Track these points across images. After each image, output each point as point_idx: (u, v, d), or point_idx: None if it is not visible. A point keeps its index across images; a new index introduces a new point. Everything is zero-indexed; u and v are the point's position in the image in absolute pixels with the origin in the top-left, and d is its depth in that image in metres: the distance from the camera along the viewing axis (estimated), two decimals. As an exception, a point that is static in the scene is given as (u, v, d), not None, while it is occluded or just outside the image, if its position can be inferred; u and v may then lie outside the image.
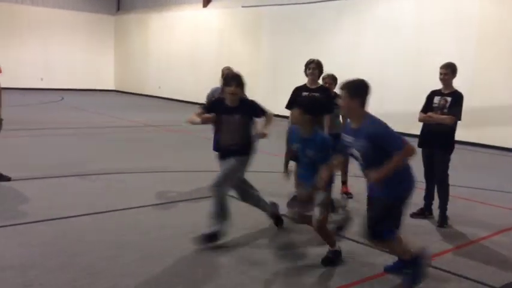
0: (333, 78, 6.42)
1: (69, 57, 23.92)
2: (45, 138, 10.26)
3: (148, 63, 23.35)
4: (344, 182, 6.60)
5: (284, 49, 16.83)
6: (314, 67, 5.91)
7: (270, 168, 7.54)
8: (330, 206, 4.38)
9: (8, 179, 6.45)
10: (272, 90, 17.07)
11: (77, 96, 20.95)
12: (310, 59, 6.09)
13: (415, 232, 5.27)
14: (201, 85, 20.09)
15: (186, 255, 4.28)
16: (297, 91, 6.04)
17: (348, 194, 6.54)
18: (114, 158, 8.62)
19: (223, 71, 6.80)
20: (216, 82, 7.61)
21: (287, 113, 5.98)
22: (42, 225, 4.87)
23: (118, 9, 25.59)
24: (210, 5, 20.09)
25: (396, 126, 6.37)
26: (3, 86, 6.50)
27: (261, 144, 5.16)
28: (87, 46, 24.62)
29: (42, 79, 23.26)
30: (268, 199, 5.22)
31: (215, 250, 4.42)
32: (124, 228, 4.90)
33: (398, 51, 13.54)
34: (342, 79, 6.02)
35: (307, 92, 5.89)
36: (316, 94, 5.73)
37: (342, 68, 14.28)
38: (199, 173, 7.67)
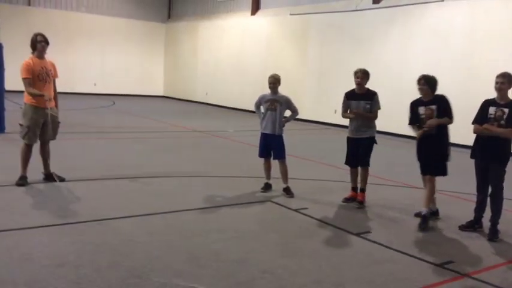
0: (364, 73, 6.38)
1: (121, 63, 24.75)
2: (98, 142, 10.65)
3: (197, 70, 23.80)
4: (362, 190, 6.47)
5: (331, 57, 16.76)
6: (423, 83, 5.80)
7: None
8: None
9: (62, 180, 6.75)
10: (317, 97, 17.06)
11: (128, 102, 21.61)
12: (421, 76, 5.94)
13: (465, 245, 5.14)
14: (247, 92, 20.38)
15: (231, 259, 4.34)
16: (414, 106, 5.89)
17: (360, 202, 6.38)
18: (162, 162, 8.84)
19: (270, 78, 6.82)
20: (262, 89, 7.70)
21: (333, 120, 6.01)
22: (94, 225, 5.07)
23: (169, 17, 26.26)
24: (259, 13, 20.28)
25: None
26: (59, 91, 6.83)
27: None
28: (139, 53, 25.39)
29: (95, 84, 24.15)
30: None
31: (261, 252, 4.47)
32: (170, 231, 5.03)
33: (448, 59, 13.21)
34: (391, 88, 6.04)
35: (422, 105, 5.77)
36: (433, 106, 5.66)
37: (390, 77, 14.23)
38: (243, 178, 7.76)
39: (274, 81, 6.82)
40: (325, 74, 16.93)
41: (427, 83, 5.80)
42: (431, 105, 5.70)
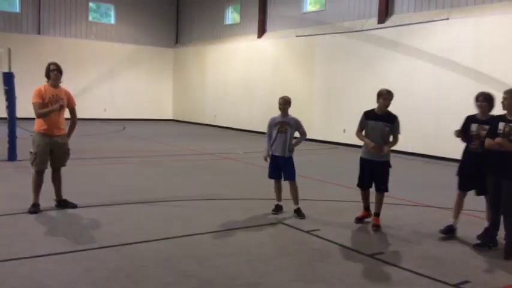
0: (389, 93, 6.27)
1: (131, 88, 25.07)
2: (109, 167, 10.72)
3: (205, 93, 24.01)
4: (377, 214, 6.35)
5: (338, 77, 16.85)
6: (482, 99, 5.78)
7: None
8: None
9: (74, 206, 6.78)
10: (325, 117, 17.10)
11: (138, 126, 21.79)
12: (479, 93, 5.90)
13: (480, 264, 5.08)
14: (255, 113, 20.51)
15: (244, 283, 4.32)
16: (469, 121, 5.89)
17: (376, 226, 6.26)
18: (173, 185, 8.87)
19: (279, 100, 6.86)
20: (271, 110, 7.76)
21: (342, 139, 6.01)
22: (107, 251, 5.07)
23: (177, 42, 26.62)
24: (265, 36, 20.51)
25: (457, 153, 6.28)
26: (68, 116, 6.90)
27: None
28: (148, 78, 25.72)
29: (105, 110, 24.42)
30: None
31: (274, 275, 4.44)
32: (183, 255, 5.01)
33: (454, 77, 13.24)
34: (397, 106, 6.06)
35: (477, 123, 5.76)
36: (487, 126, 5.62)
37: (398, 95, 14.12)
38: (254, 200, 7.75)
39: (285, 103, 6.82)
40: (333, 94, 17.00)
41: (486, 100, 5.79)
42: (485, 125, 5.63)
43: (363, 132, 6.45)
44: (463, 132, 5.93)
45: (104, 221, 6.23)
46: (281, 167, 6.83)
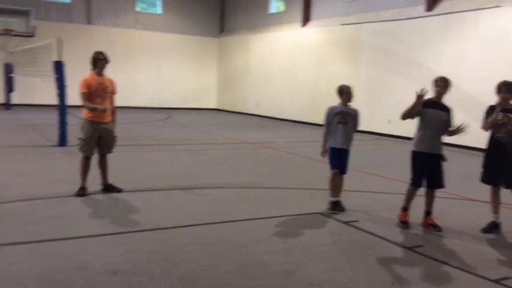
0: (444, 81, 5.88)
1: (177, 78, 25.50)
2: (154, 154, 11.00)
3: (248, 82, 24.10)
4: (428, 213, 5.97)
5: (383, 66, 16.52)
6: (505, 90, 5.58)
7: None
8: None
9: (119, 191, 7.03)
10: (369, 108, 16.81)
11: (183, 115, 22.17)
12: (501, 83, 5.67)
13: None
14: (298, 103, 20.43)
15: (279, 270, 4.37)
16: (491, 110, 5.71)
17: (435, 227, 5.85)
18: (215, 173, 9.01)
19: (344, 89, 6.49)
20: (314, 100, 7.72)
21: (386, 130, 5.87)
22: (149, 234, 5.25)
23: (221, 31, 26.80)
24: (309, 24, 20.33)
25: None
26: (117, 105, 7.14)
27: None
28: (193, 67, 26.07)
29: (152, 98, 24.97)
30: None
31: (309, 264, 4.47)
32: (220, 241, 5.11)
33: (505, 66, 12.69)
34: (447, 96, 5.85)
35: (501, 111, 5.59)
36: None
37: (445, 85, 13.81)
38: (293, 190, 7.77)
39: (351, 92, 6.44)
40: (378, 83, 16.69)
41: (509, 91, 5.59)
42: (510, 114, 5.49)
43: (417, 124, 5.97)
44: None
45: (146, 206, 6.42)
46: (342, 160, 6.42)
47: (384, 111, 16.04)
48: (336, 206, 6.39)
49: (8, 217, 5.67)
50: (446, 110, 5.90)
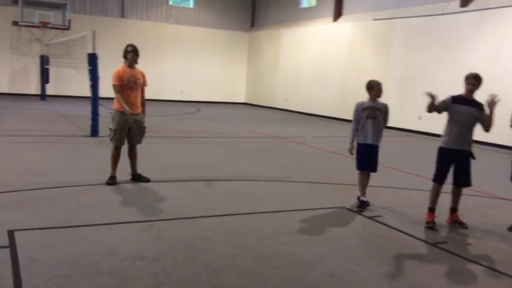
0: (477, 79, 5.74)
1: (207, 71, 25.71)
2: (183, 146, 11.18)
3: (277, 77, 24.10)
4: (454, 210, 5.91)
5: (415, 62, 16.28)
6: None
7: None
8: None
9: (147, 180, 7.20)
10: (400, 104, 16.60)
11: (212, 109, 22.37)
12: None
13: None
14: (327, 98, 20.34)
15: (301, 261, 4.42)
16: None
17: (461, 224, 5.80)
18: (241, 166, 9.11)
19: (374, 85, 6.38)
20: (343, 95, 7.71)
21: (416, 127, 5.82)
22: (175, 223, 5.39)
23: (252, 25, 26.86)
24: (341, 19, 20.17)
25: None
26: (148, 98, 7.29)
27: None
28: (223, 61, 26.23)
29: (182, 92, 25.27)
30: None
31: (331, 256, 4.51)
32: (244, 232, 5.20)
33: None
34: (481, 94, 5.74)
35: None
36: None
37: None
38: (319, 184, 7.79)
39: (381, 88, 6.34)
40: (409, 80, 16.47)
41: None
42: None
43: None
44: None
45: (173, 195, 6.57)
46: (370, 157, 6.35)
47: (415, 108, 15.80)
48: (364, 204, 6.33)
49: (44, 202, 5.90)
50: (477, 106, 5.77)
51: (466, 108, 5.72)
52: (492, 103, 5.58)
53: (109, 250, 4.41)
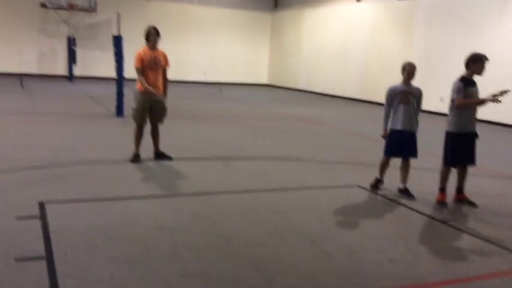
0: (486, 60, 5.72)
1: (229, 53, 25.86)
2: (204, 126, 11.46)
3: (300, 58, 24.09)
4: (460, 189, 6.01)
5: (438, 42, 16.11)
6: None
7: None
8: None
9: (169, 158, 7.51)
10: (422, 86, 16.43)
11: (234, 90, 22.58)
12: None
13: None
14: (349, 80, 20.31)
15: (311, 233, 4.66)
16: None
17: (469, 203, 5.89)
18: (260, 145, 9.35)
19: (405, 66, 6.29)
20: (366, 76, 7.81)
21: (437, 108, 5.94)
22: (194, 198, 5.69)
23: (275, 6, 26.79)
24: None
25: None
26: (171, 78, 7.53)
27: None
28: (246, 42, 26.31)
29: (205, 73, 25.52)
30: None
31: (340, 230, 4.73)
32: (258, 207, 5.46)
33: None
34: (507, 75, 5.73)
35: None
36: None
37: (502, 64, 13.37)
38: (337, 164, 7.97)
39: (414, 70, 6.15)
40: (432, 61, 16.32)
41: None
42: None
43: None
44: None
45: (194, 172, 6.87)
46: (404, 144, 6.19)
47: (437, 90, 15.70)
48: (378, 183, 6.38)
49: (73, 177, 6.26)
50: (475, 85, 5.81)
51: (476, 91, 5.81)
52: (498, 96, 5.55)
53: (132, 221, 4.73)
